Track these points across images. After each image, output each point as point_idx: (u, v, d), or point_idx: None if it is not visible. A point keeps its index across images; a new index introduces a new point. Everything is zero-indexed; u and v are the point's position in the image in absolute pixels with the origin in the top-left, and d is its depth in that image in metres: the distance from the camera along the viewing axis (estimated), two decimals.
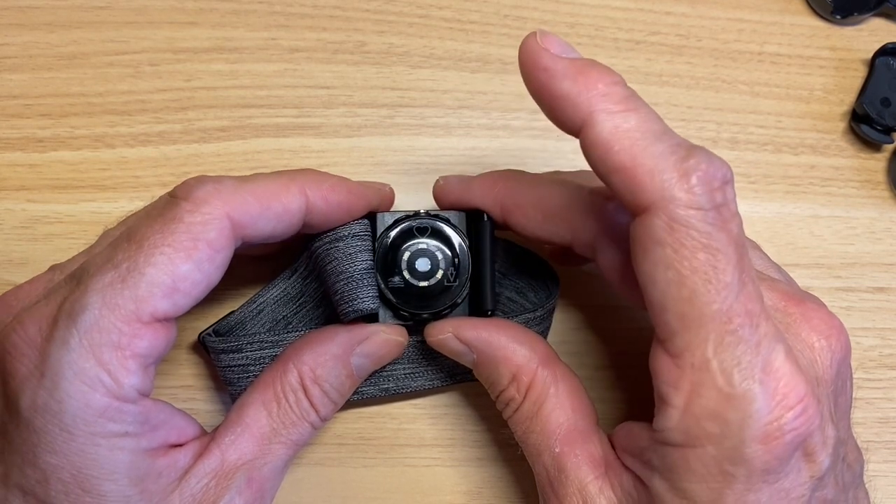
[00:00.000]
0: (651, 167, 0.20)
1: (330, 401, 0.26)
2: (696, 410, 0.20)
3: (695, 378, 0.20)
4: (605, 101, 0.21)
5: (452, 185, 0.28)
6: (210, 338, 0.28)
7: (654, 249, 0.20)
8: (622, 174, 0.21)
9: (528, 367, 0.25)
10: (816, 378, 0.22)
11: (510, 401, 0.26)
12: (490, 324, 0.26)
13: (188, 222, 0.22)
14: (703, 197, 0.20)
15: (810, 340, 0.22)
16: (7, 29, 0.32)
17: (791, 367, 0.20)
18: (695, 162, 0.20)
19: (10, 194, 0.31)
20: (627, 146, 0.21)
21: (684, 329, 0.20)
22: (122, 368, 0.21)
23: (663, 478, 0.21)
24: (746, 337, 0.20)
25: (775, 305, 0.23)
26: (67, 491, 0.21)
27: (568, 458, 0.24)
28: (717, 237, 0.20)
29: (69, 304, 0.21)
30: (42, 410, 0.21)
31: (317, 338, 0.26)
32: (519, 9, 0.34)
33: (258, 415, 0.25)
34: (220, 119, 0.32)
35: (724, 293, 0.20)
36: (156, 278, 0.22)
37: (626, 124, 0.21)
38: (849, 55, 0.35)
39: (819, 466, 0.21)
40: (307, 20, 0.33)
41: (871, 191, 0.34)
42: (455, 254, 0.27)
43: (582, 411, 0.25)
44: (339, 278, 0.26)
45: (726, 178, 0.21)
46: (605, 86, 0.21)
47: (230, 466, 0.24)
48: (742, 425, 0.20)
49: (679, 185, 0.20)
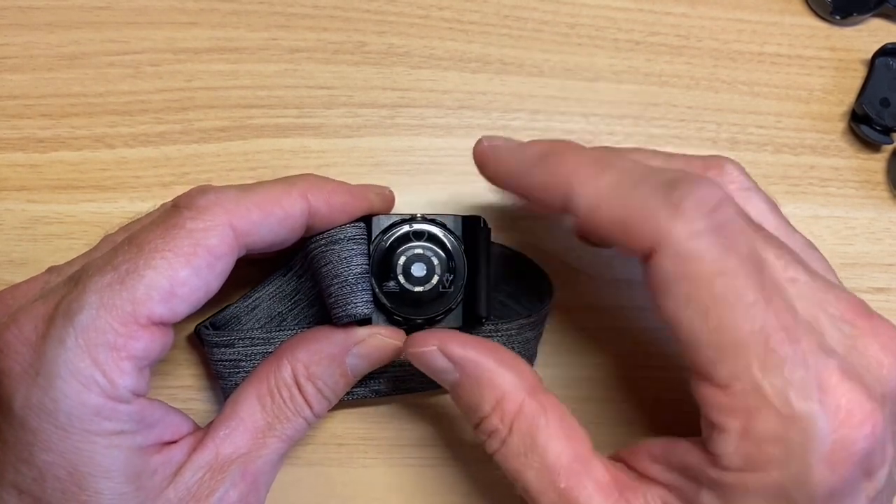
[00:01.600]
0: (641, 212, 0.20)
1: (323, 398, 0.26)
2: (756, 435, 0.20)
3: (749, 403, 0.20)
4: (577, 173, 0.22)
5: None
6: (206, 330, 0.28)
7: (671, 287, 0.20)
8: (617, 229, 0.21)
9: (514, 396, 0.23)
10: (883, 395, 0.21)
11: (493, 431, 0.24)
12: (479, 343, 0.25)
13: (189, 229, 0.22)
14: (702, 222, 0.20)
15: (879, 357, 0.21)
16: (7, 29, 0.32)
17: (850, 383, 0.20)
18: (681, 192, 0.20)
19: (11, 194, 0.31)
20: (613, 202, 0.21)
21: (724, 359, 0.20)
22: (116, 369, 0.21)
23: (716, 495, 0.21)
24: (790, 354, 0.19)
25: (843, 317, 0.22)
26: (63, 489, 0.21)
27: (578, 492, 0.22)
28: (729, 259, 0.20)
29: (66, 304, 0.22)
30: (37, 409, 0.21)
31: (313, 336, 0.26)
32: (519, 9, 0.34)
33: (252, 408, 0.25)
34: (221, 119, 0.32)
35: (752, 313, 0.19)
36: (154, 281, 0.22)
37: (604, 182, 0.21)
38: (848, 55, 0.35)
39: (876, 485, 0.20)
40: (307, 20, 0.33)
41: (870, 191, 0.34)
42: (451, 259, 0.27)
43: (577, 439, 0.23)
44: (334, 282, 0.26)
45: (719, 196, 0.20)
46: (573, 159, 0.22)
47: (225, 459, 0.24)
48: (806, 447, 0.19)
49: (674, 218, 0.20)
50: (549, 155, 0.22)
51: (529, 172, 0.22)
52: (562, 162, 0.22)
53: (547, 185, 0.22)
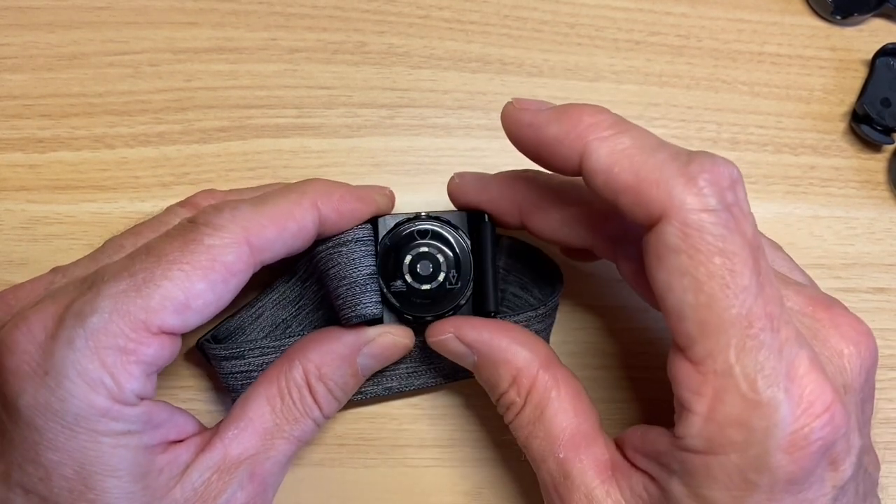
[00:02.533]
0: (656, 178, 0.20)
1: (334, 398, 0.26)
2: (720, 417, 0.20)
3: (718, 384, 0.20)
4: (595, 131, 0.21)
5: (468, 183, 0.28)
6: (209, 344, 0.27)
7: (669, 257, 0.20)
8: (628, 192, 0.21)
9: (528, 370, 0.25)
10: (844, 385, 0.21)
11: (511, 404, 0.25)
12: (491, 325, 0.26)
13: (208, 244, 0.22)
14: (713, 198, 0.20)
15: (839, 347, 0.22)
16: (7, 29, 0.32)
17: (817, 374, 0.20)
18: (699, 165, 0.20)
19: (10, 195, 0.31)
20: (627, 164, 0.21)
21: (705, 336, 0.20)
22: (125, 372, 0.21)
23: (683, 482, 0.21)
24: (768, 342, 0.20)
25: (803, 310, 0.22)
26: (70, 488, 0.21)
27: (573, 464, 0.24)
28: (732, 240, 0.20)
29: (79, 305, 0.22)
30: (44, 408, 0.21)
31: (323, 336, 0.27)
32: (519, 9, 0.34)
33: (262, 410, 0.25)
34: (220, 119, 0.32)
35: (743, 296, 0.20)
36: (170, 292, 0.22)
37: (620, 145, 0.21)
38: (849, 55, 0.35)
39: (842, 475, 0.21)
40: (307, 20, 0.33)
41: (871, 191, 0.34)
42: (457, 256, 0.27)
43: (585, 414, 0.25)
44: (342, 283, 0.26)
45: (734, 176, 0.21)
46: (590, 117, 0.22)
47: (233, 461, 0.24)
48: (767, 433, 0.19)
49: (687, 189, 0.20)
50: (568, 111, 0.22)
51: (547, 125, 0.22)
52: (580, 120, 0.22)
53: (562, 140, 0.22)
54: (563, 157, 0.22)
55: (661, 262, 0.20)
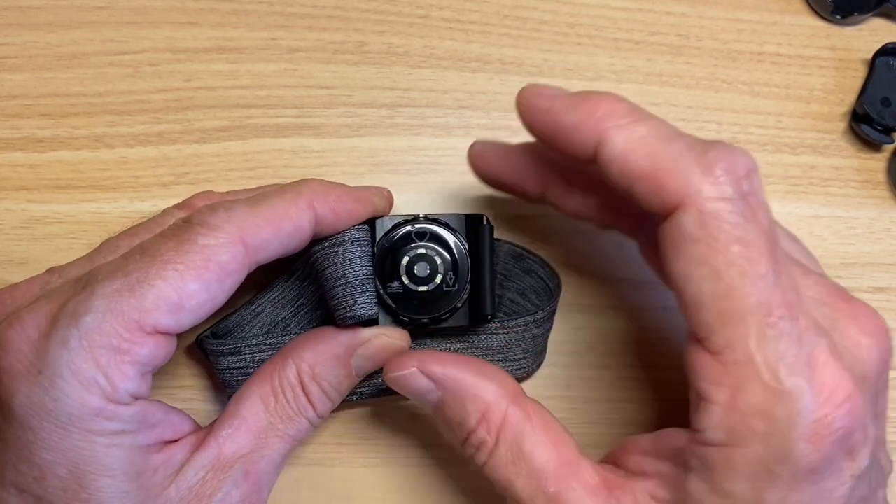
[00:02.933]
0: (673, 166, 0.20)
1: (328, 398, 0.26)
2: (742, 407, 0.20)
3: (739, 374, 0.20)
4: (612, 119, 0.21)
5: (490, 150, 0.27)
6: (208, 340, 0.28)
7: (687, 247, 0.20)
8: (645, 180, 0.21)
9: (497, 406, 0.24)
10: (862, 376, 0.21)
11: (481, 444, 0.24)
12: (457, 359, 0.25)
13: (202, 244, 0.22)
14: (730, 187, 0.20)
15: (857, 338, 0.22)
16: (7, 29, 0.32)
17: (836, 363, 0.20)
18: (715, 154, 0.20)
19: (10, 194, 0.31)
20: (644, 152, 0.21)
21: (724, 325, 0.20)
22: (119, 372, 0.21)
23: (702, 478, 0.21)
24: (788, 330, 0.20)
25: (823, 300, 0.22)
26: (64, 487, 0.21)
27: (567, 494, 0.23)
28: (749, 228, 0.20)
29: (73, 305, 0.22)
30: (37, 408, 0.21)
31: (318, 336, 0.26)
32: (519, 9, 0.34)
33: (256, 408, 0.25)
34: (220, 119, 0.32)
35: (761, 285, 0.20)
36: (164, 292, 0.22)
37: (637, 133, 0.21)
38: (849, 55, 0.35)
39: (859, 465, 0.21)
40: (307, 20, 0.33)
41: (871, 191, 0.34)
42: (454, 258, 0.27)
43: (563, 443, 0.24)
44: (338, 283, 0.26)
45: (750, 166, 0.21)
46: (608, 105, 0.22)
47: (227, 459, 0.24)
48: (790, 423, 0.19)
49: (704, 178, 0.20)
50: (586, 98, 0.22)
51: (564, 112, 0.22)
52: (597, 107, 0.22)
53: (579, 127, 0.22)
54: (579, 144, 0.22)
55: (679, 251, 0.20)
